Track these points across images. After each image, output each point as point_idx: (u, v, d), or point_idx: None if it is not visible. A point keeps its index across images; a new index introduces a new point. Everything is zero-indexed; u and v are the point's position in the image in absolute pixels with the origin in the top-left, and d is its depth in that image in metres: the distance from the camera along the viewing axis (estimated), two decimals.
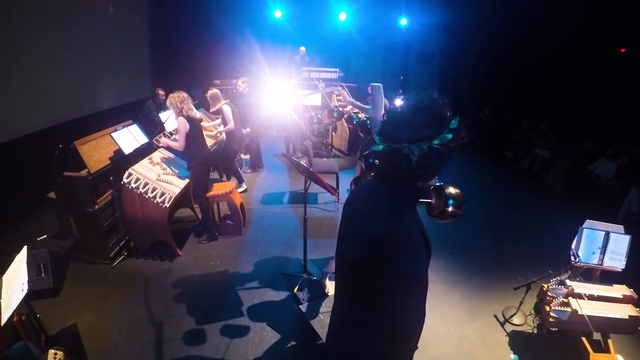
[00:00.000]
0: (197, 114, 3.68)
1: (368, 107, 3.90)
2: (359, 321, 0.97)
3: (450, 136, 0.99)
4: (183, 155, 3.82)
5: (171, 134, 4.48)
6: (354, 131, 6.56)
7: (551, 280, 2.67)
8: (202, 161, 3.73)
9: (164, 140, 3.79)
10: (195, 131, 3.58)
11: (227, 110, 4.68)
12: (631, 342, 2.77)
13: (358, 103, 4.24)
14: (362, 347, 0.96)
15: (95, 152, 3.39)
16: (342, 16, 9.62)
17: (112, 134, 3.55)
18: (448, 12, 9.32)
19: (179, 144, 3.53)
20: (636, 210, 4.73)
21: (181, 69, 8.08)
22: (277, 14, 9.45)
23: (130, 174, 3.37)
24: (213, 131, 4.92)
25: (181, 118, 3.47)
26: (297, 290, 2.99)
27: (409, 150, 0.99)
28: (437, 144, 0.99)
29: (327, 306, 2.51)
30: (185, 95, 3.55)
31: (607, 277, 2.86)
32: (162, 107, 5.73)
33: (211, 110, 4.89)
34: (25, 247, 2.32)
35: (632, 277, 2.82)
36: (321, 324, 2.36)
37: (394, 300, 0.96)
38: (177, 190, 3.60)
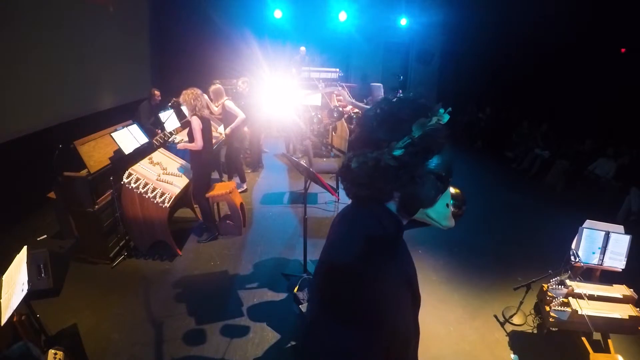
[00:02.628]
0: (208, 114, 3.68)
1: (368, 107, 3.90)
2: (342, 338, 0.75)
3: (399, 145, 0.75)
4: (186, 154, 3.80)
5: (171, 133, 4.48)
6: (354, 131, 6.55)
7: (551, 280, 2.66)
8: (206, 163, 3.74)
9: (181, 145, 3.73)
10: (204, 132, 3.58)
11: (230, 104, 4.66)
12: (631, 342, 2.77)
13: (358, 103, 4.25)
14: None
15: (95, 152, 3.39)
16: (342, 16, 9.60)
17: (112, 134, 3.55)
18: (448, 12, 9.31)
19: (196, 143, 3.52)
20: (636, 210, 4.73)
21: (181, 69, 8.07)
22: (277, 13, 9.44)
23: (130, 174, 3.37)
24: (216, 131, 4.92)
25: (195, 117, 3.50)
26: (297, 290, 2.98)
27: (350, 159, 0.81)
28: (373, 156, 0.76)
29: None
30: (199, 92, 3.56)
31: (607, 277, 2.86)
32: (161, 107, 5.68)
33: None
34: (25, 247, 2.32)
35: (632, 277, 2.82)
36: None
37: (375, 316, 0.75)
38: (177, 190, 3.60)
